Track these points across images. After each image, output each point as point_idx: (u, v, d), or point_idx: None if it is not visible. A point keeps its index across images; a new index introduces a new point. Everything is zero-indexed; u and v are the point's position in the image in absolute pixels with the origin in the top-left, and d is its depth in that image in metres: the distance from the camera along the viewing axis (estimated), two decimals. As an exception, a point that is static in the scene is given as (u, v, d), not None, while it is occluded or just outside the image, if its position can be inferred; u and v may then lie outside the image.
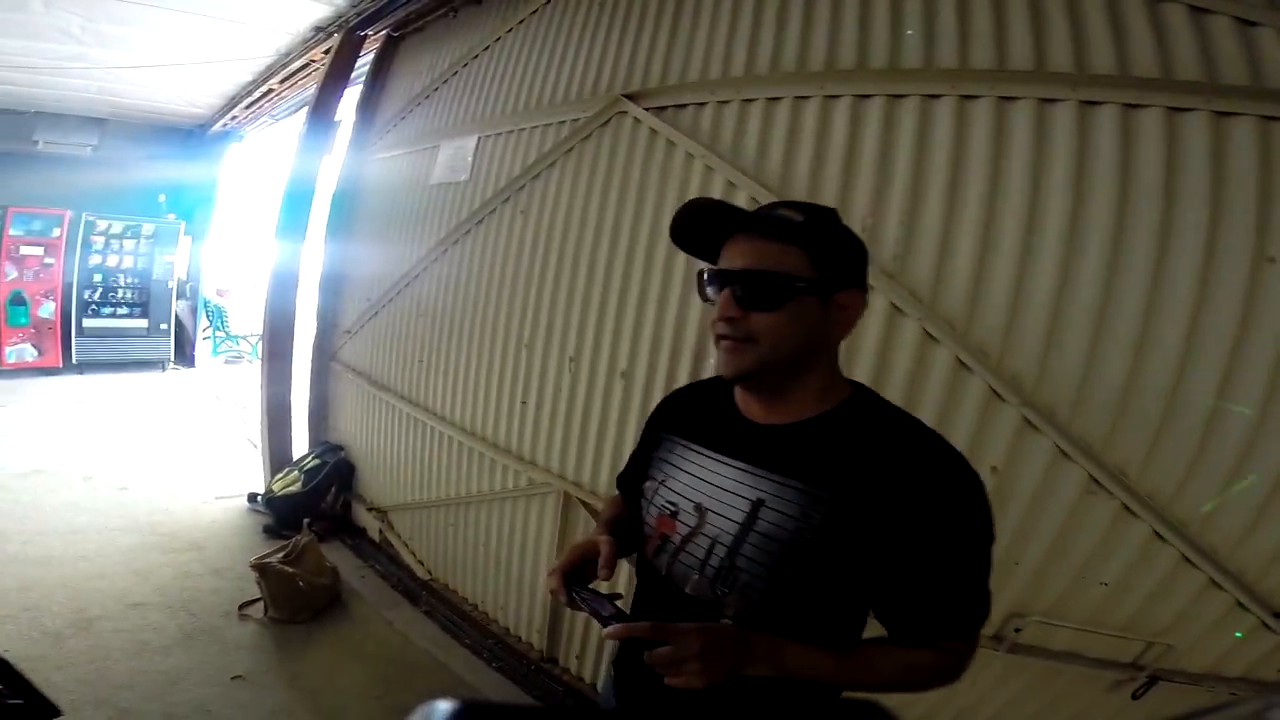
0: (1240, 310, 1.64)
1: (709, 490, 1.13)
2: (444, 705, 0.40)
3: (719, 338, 1.08)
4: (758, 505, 1.06)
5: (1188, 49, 1.72)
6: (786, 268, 1.02)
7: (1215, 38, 1.70)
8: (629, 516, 1.37)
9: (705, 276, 1.12)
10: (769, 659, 1.01)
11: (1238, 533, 1.74)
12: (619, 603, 1.13)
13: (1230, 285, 1.65)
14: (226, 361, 9.77)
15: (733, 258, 1.07)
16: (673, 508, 1.17)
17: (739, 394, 1.19)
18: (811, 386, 1.11)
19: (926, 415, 1.09)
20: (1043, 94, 1.87)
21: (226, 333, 9.92)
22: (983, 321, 1.94)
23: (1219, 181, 1.67)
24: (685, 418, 1.28)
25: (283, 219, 4.99)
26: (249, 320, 9.61)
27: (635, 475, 1.36)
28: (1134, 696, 1.93)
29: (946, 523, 0.99)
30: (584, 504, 2.93)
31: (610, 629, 1.01)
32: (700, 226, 1.12)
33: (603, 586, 1.22)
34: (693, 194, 2.53)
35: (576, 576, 1.18)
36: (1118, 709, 1.98)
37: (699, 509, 1.13)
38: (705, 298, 1.12)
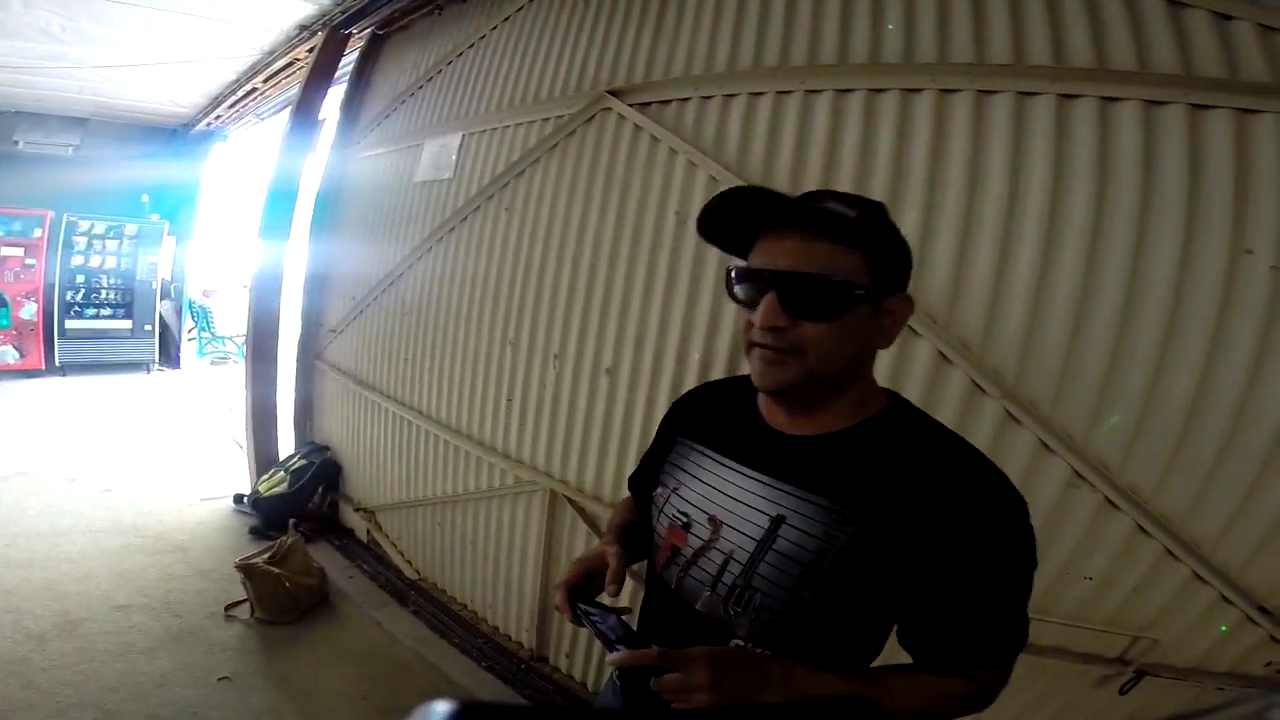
0: (1219, 302, 1.65)
1: (725, 502, 1.06)
2: (442, 706, 0.39)
3: (756, 345, 0.97)
4: (778, 522, 0.99)
5: (1164, 42, 1.73)
6: (843, 272, 0.92)
7: (1192, 31, 1.71)
8: (640, 522, 1.28)
9: (739, 274, 1.00)
10: (783, 685, 0.94)
11: (1220, 526, 1.74)
12: (626, 617, 1.07)
13: (1209, 277, 1.66)
14: (212, 362, 9.70)
15: (777, 256, 0.95)
16: (685, 518, 1.10)
17: (764, 399, 1.10)
18: (848, 397, 1.02)
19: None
20: (1021, 87, 1.88)
21: (212, 333, 9.85)
22: (963, 314, 1.95)
23: (1196, 174, 1.67)
24: (702, 421, 1.20)
25: (266, 219, 4.96)
26: (235, 321, 9.53)
27: (647, 478, 1.28)
28: (1121, 691, 1.93)
29: (985, 547, 0.92)
30: (570, 502, 2.92)
31: (615, 656, 0.95)
32: (734, 214, 1.00)
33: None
34: (676, 190, 2.54)
35: (583, 590, 1.13)
36: (1105, 704, 1.97)
37: (713, 521, 1.06)
38: (736, 298, 1.01)
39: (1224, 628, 1.81)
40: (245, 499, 4.77)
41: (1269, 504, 1.67)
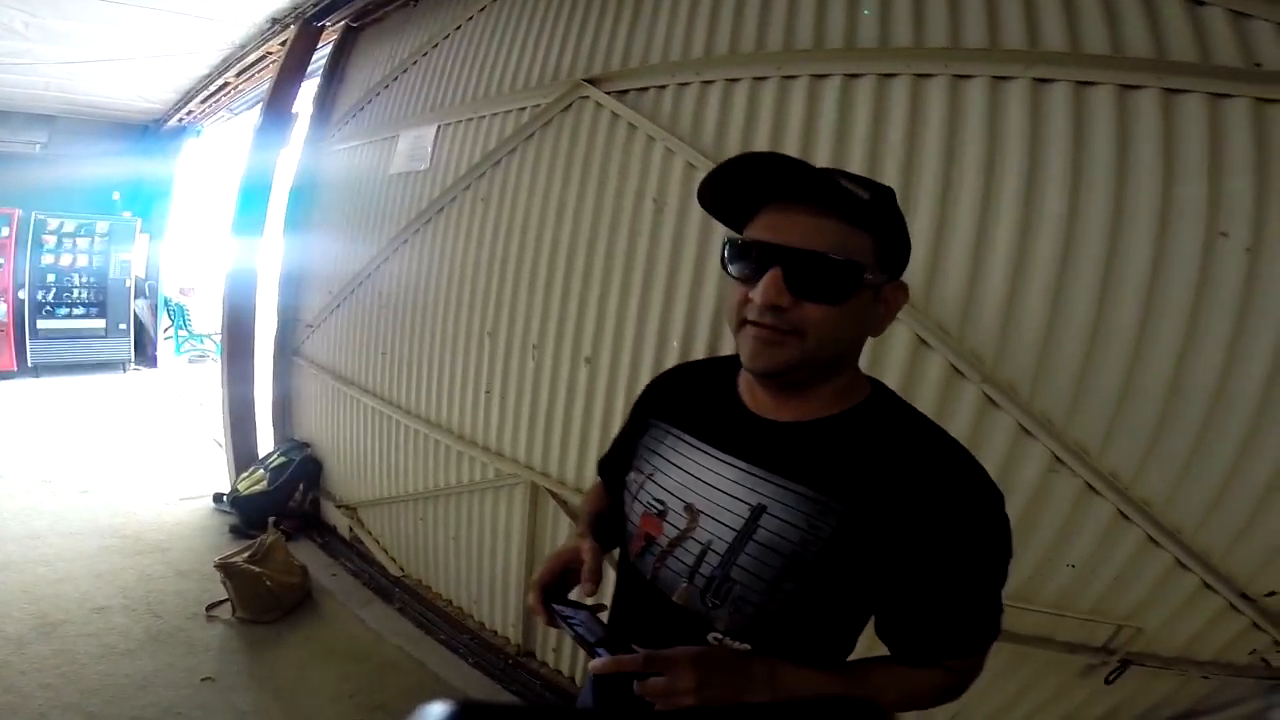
0: (1195, 284, 1.65)
1: (703, 490, 1.01)
2: (440, 707, 0.39)
3: (751, 323, 0.91)
4: (759, 511, 0.95)
5: (1137, 27, 1.74)
6: (854, 255, 0.88)
7: (1164, 15, 1.72)
8: (611, 509, 1.25)
9: (741, 247, 0.94)
10: (769, 684, 0.92)
11: (1201, 512, 1.75)
12: (602, 615, 1.04)
13: (1185, 260, 1.66)
14: (190, 361, 9.59)
15: (786, 230, 0.89)
16: (660, 506, 1.06)
17: (744, 382, 1.06)
18: (834, 384, 0.99)
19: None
20: (996, 72, 1.87)
21: (189, 331, 9.73)
22: (941, 298, 1.94)
23: (1170, 158, 1.68)
24: (679, 403, 1.15)
25: (240, 214, 4.89)
26: (212, 318, 9.41)
27: (619, 462, 1.24)
28: (1107, 681, 1.93)
29: (965, 541, 0.91)
30: (552, 494, 2.91)
31: (598, 662, 0.91)
32: (743, 181, 0.93)
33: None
34: (654, 177, 2.53)
35: (558, 588, 1.09)
36: (1091, 693, 1.99)
37: (690, 510, 1.02)
38: (732, 273, 0.95)
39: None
40: (225, 498, 4.71)
41: (1248, 489, 1.68)
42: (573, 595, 1.08)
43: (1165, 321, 1.69)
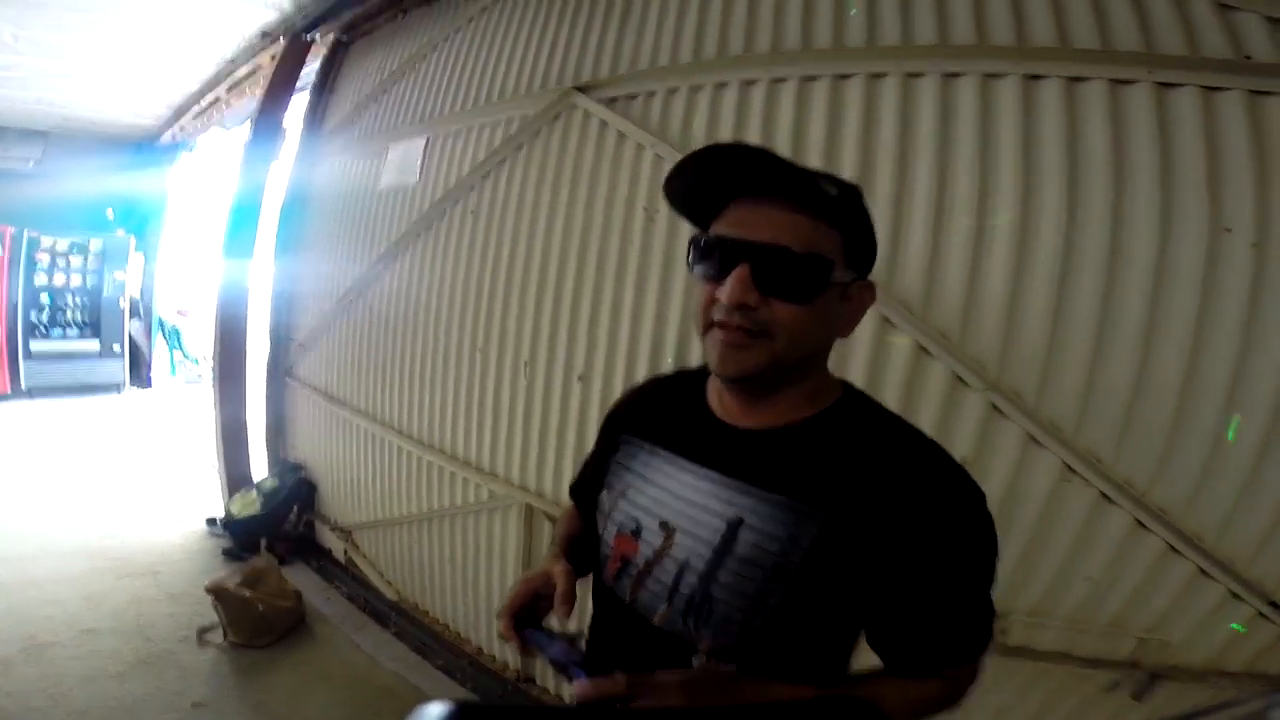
0: (1201, 282, 1.61)
1: (677, 505, 0.97)
2: (438, 707, 0.39)
3: (719, 324, 0.88)
4: (736, 525, 0.91)
5: (1125, 19, 1.72)
6: (825, 251, 0.86)
7: (1151, 7, 1.71)
8: (585, 532, 1.19)
9: (708, 244, 0.91)
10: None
11: (1222, 517, 1.68)
12: (581, 643, 0.98)
13: (1189, 257, 1.62)
14: (186, 382, 9.54)
15: (755, 226, 0.86)
16: (634, 524, 1.01)
17: (713, 391, 1.03)
18: (804, 387, 0.95)
19: (888, 405, 1.00)
20: (986, 69, 1.85)
21: (184, 353, 9.69)
22: (941, 305, 1.90)
23: (1167, 153, 1.66)
24: (649, 417, 1.11)
25: (230, 233, 4.86)
26: (205, 339, 9.38)
27: (591, 483, 1.19)
28: (1134, 696, 1.86)
29: (951, 546, 0.87)
30: (547, 516, 2.85)
31: (579, 687, 0.86)
32: (711, 174, 0.90)
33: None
34: (643, 185, 2.50)
35: (530, 613, 1.02)
36: (1117, 709, 1.90)
37: (665, 526, 0.97)
38: (698, 272, 0.92)
39: (1236, 625, 1.74)
40: (218, 521, 4.65)
41: (1270, 492, 1.62)
42: (546, 621, 1.04)
43: (1173, 321, 1.65)
